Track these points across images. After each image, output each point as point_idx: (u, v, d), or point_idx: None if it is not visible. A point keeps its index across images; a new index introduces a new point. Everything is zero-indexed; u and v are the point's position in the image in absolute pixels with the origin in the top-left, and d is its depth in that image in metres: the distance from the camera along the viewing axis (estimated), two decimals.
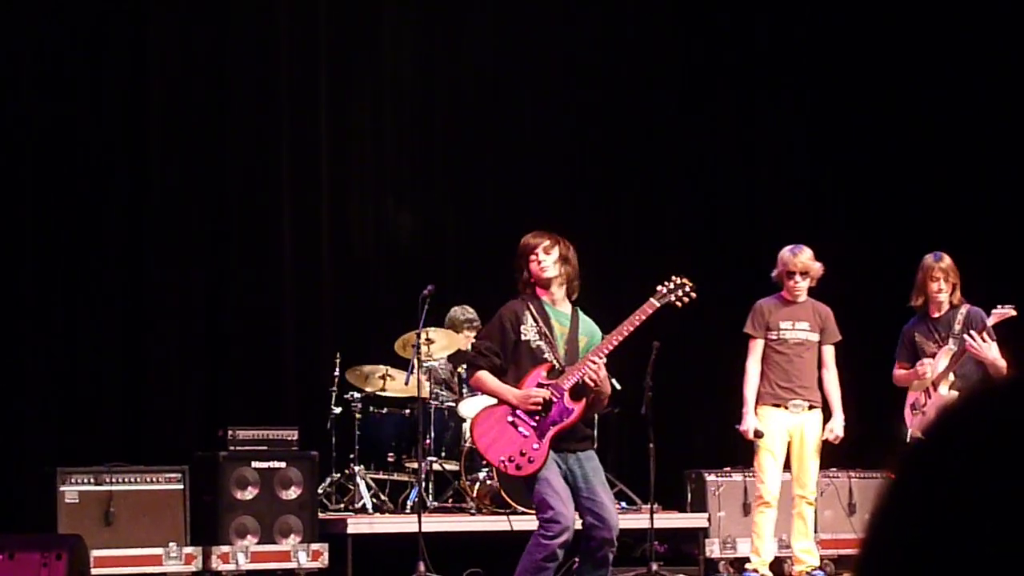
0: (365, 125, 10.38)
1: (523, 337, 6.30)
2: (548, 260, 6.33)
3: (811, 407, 7.94)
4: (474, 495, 8.75)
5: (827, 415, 7.97)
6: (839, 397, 7.98)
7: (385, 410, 9.22)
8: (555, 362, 6.28)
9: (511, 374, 6.32)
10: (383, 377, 9.20)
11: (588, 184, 11.01)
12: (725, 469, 9.30)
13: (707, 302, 8.22)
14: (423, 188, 10.59)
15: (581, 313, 6.48)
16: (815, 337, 7.97)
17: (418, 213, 10.49)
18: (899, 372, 8.00)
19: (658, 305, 6.45)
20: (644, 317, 6.36)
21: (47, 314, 9.09)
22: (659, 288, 6.54)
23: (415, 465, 8.72)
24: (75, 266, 9.20)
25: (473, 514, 8.70)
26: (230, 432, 8.43)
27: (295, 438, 8.60)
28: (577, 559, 6.41)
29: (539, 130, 10.86)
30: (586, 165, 11.04)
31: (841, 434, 7.95)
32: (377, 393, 9.25)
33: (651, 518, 8.15)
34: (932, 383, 7.77)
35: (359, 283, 10.22)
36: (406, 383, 8.99)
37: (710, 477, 9.29)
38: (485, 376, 6.31)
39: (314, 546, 8.36)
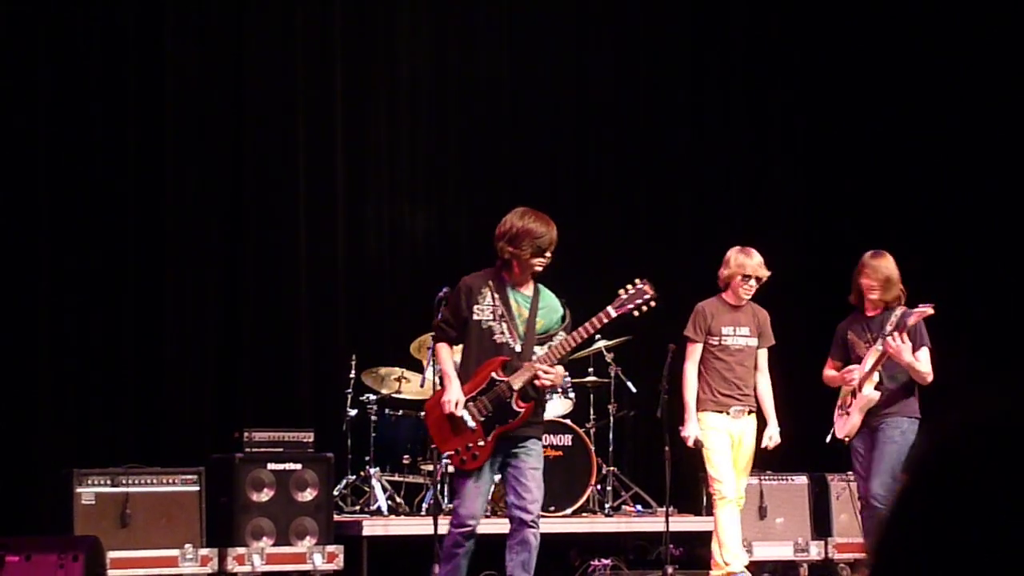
0: (380, 128, 10.39)
1: (475, 316, 6.27)
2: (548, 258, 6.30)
3: (750, 412, 7.70)
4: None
5: (760, 419, 7.76)
6: (772, 402, 7.77)
7: (401, 412, 9.22)
8: (510, 342, 6.23)
9: (466, 353, 6.35)
10: (398, 379, 9.21)
11: (601, 186, 11.02)
12: None
13: None
14: (437, 190, 10.60)
15: (543, 290, 6.39)
16: (755, 342, 7.72)
17: (432, 215, 10.49)
18: (829, 373, 7.83)
19: (614, 315, 6.35)
20: (600, 324, 6.32)
21: (63, 315, 9.10)
22: (620, 293, 6.44)
23: (430, 467, 8.73)
24: (91, 268, 9.21)
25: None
26: (246, 434, 8.45)
27: (311, 440, 8.61)
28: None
29: (552, 133, 10.87)
30: (599, 167, 11.05)
31: (778, 440, 7.75)
32: (392, 395, 9.26)
33: (666, 521, 8.13)
34: (858, 384, 7.54)
35: (374, 285, 10.23)
36: (421, 385, 9.00)
37: None
38: (443, 351, 6.41)
39: (329, 548, 8.36)
